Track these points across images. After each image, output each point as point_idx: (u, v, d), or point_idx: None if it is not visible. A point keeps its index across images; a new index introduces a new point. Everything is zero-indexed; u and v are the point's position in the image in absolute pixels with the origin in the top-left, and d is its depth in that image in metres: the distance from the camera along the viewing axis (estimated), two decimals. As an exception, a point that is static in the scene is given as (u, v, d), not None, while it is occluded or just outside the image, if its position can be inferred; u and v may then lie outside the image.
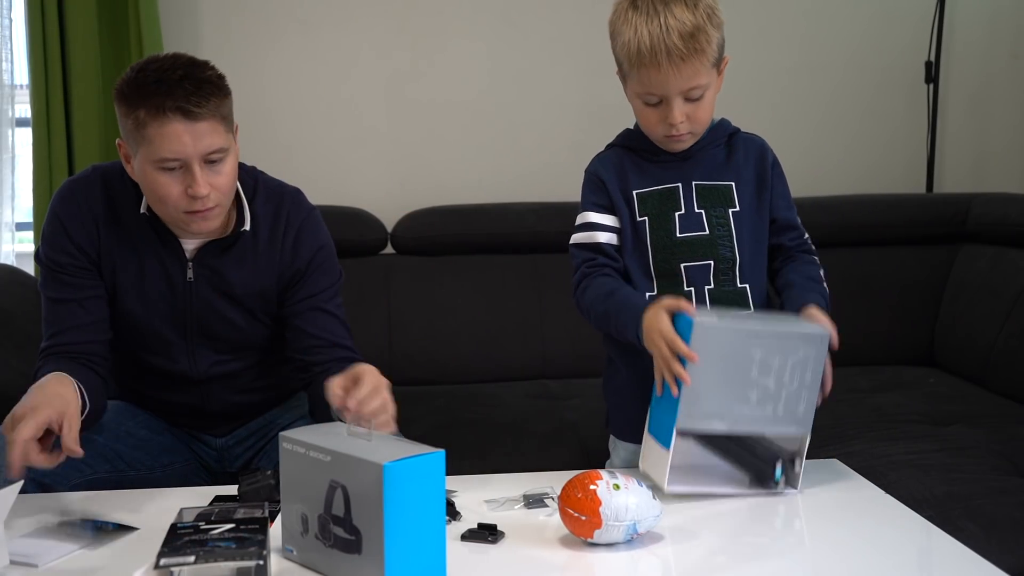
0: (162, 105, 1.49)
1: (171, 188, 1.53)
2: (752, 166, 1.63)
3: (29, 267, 2.76)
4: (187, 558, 1.09)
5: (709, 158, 1.62)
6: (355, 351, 1.73)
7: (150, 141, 1.50)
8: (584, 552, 1.26)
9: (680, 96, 1.51)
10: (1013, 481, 1.83)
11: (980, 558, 1.23)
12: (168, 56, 1.57)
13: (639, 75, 1.52)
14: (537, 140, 3.06)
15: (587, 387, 2.56)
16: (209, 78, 1.54)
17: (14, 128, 2.82)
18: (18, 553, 1.24)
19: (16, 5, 2.84)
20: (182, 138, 1.50)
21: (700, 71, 1.49)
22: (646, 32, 1.48)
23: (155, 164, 1.52)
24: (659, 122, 1.55)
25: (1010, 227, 2.64)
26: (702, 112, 1.54)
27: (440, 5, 3.00)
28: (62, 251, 1.64)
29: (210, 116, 1.51)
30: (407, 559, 1.13)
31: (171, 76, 1.50)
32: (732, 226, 1.59)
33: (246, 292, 1.69)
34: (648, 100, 1.54)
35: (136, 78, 1.53)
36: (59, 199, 1.67)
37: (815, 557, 1.29)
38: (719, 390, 1.42)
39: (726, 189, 1.61)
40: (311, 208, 1.75)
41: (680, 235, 1.58)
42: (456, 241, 2.82)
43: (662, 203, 1.60)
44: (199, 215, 1.56)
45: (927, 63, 3.05)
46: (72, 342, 1.63)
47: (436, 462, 1.16)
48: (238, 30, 2.95)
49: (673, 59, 1.47)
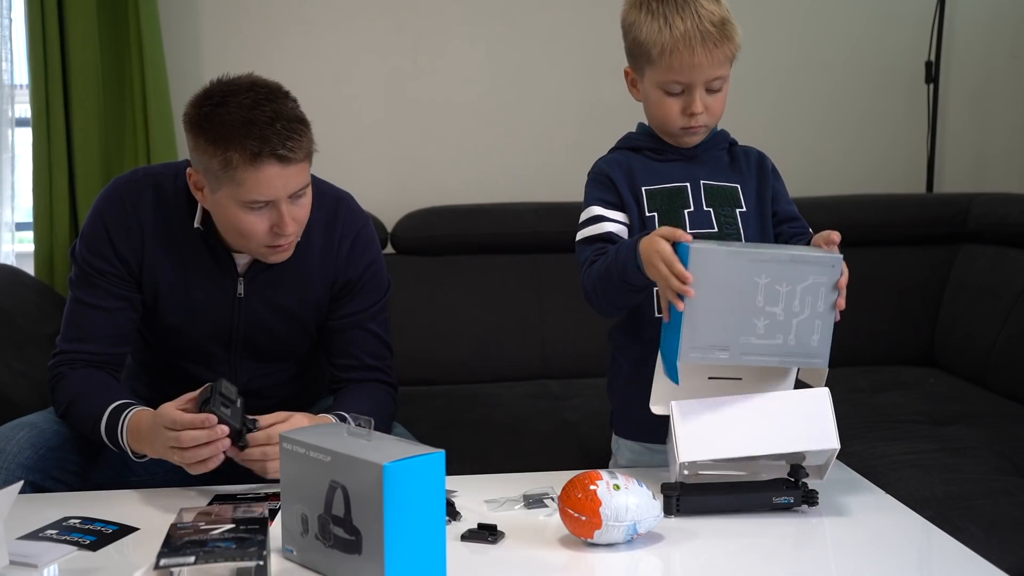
0: (258, 152, 1.44)
1: (257, 226, 1.51)
2: (753, 172, 1.65)
3: (29, 267, 2.76)
4: (187, 558, 1.09)
5: (714, 160, 1.64)
6: (387, 372, 1.74)
7: (240, 183, 1.47)
8: (584, 552, 1.26)
9: (703, 86, 1.54)
10: (1013, 481, 1.83)
11: (980, 558, 1.23)
12: (244, 83, 1.50)
13: (668, 62, 1.52)
14: (537, 140, 3.06)
15: (587, 387, 2.56)
16: (298, 116, 1.50)
17: (14, 128, 2.82)
18: (18, 553, 1.24)
19: (16, 5, 2.83)
20: (274, 183, 1.47)
21: (726, 61, 1.54)
22: (678, 19, 1.51)
23: (243, 204, 1.49)
24: (679, 113, 1.56)
25: (1010, 227, 2.64)
26: (719, 105, 1.57)
27: (440, 5, 3.00)
28: (102, 257, 1.61)
29: (303, 158, 1.50)
30: (407, 559, 1.13)
31: (260, 116, 1.45)
32: (740, 226, 1.60)
33: (298, 304, 1.67)
34: (671, 89, 1.55)
35: (218, 113, 1.47)
36: (106, 201, 1.63)
37: (815, 557, 1.29)
38: (722, 318, 1.37)
39: (732, 190, 1.62)
40: (367, 218, 1.74)
41: (689, 231, 1.56)
42: (456, 241, 2.82)
43: (671, 200, 1.61)
44: (281, 248, 1.56)
45: (927, 63, 3.05)
46: (94, 351, 1.62)
47: (436, 462, 1.16)
48: (238, 30, 2.95)
49: (707, 44, 1.50)
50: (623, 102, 1.69)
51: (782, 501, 1.38)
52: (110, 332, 1.63)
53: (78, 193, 2.75)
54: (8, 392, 2.07)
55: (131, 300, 1.64)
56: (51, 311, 2.36)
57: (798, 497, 1.38)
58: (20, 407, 1.91)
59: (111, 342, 1.63)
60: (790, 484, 1.39)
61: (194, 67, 2.94)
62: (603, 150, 1.72)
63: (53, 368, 1.64)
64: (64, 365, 1.62)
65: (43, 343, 1.69)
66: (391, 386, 1.75)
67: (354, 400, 1.65)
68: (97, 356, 1.62)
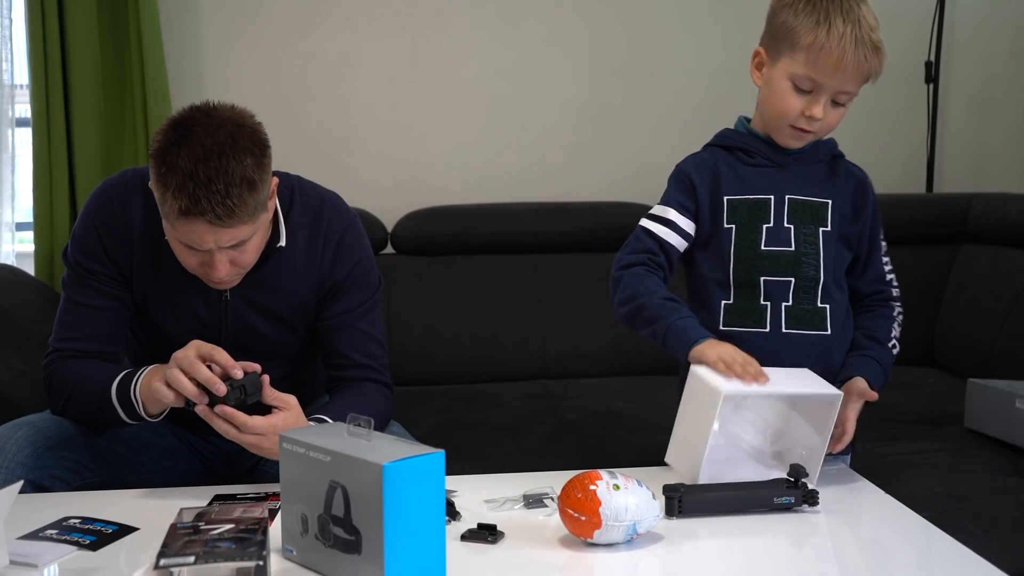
0: (187, 210, 1.42)
1: (188, 259, 1.52)
2: (850, 192, 1.61)
3: (29, 267, 2.76)
4: (187, 558, 1.09)
5: (807, 172, 1.60)
6: (380, 371, 1.73)
7: (173, 226, 1.47)
8: (584, 552, 1.26)
9: (832, 93, 1.51)
10: (1013, 481, 1.83)
11: (980, 558, 1.23)
12: (208, 126, 1.44)
13: (814, 58, 1.49)
14: (537, 140, 3.06)
15: (587, 387, 2.56)
16: (247, 177, 1.43)
17: (14, 128, 2.82)
18: (18, 553, 1.24)
19: (16, 5, 2.83)
20: (204, 237, 1.46)
21: (864, 77, 1.51)
22: (840, 20, 1.48)
23: (175, 239, 1.50)
24: (798, 111, 1.53)
25: (1010, 227, 2.64)
26: (836, 119, 1.55)
27: (440, 5, 3.00)
28: (93, 258, 1.61)
29: (243, 220, 1.46)
30: (407, 559, 1.13)
31: (202, 173, 1.40)
32: (820, 244, 1.57)
33: (284, 307, 1.68)
34: (802, 85, 1.52)
35: (170, 153, 1.43)
36: (96, 203, 1.63)
37: (815, 557, 1.29)
38: None
39: (821, 207, 1.58)
40: (352, 217, 1.72)
41: (764, 247, 1.56)
42: (456, 241, 2.82)
43: (752, 213, 1.57)
44: (217, 284, 1.56)
45: (927, 63, 3.05)
46: (87, 348, 1.63)
47: (436, 462, 1.16)
48: (238, 30, 2.95)
49: (859, 54, 1.48)
50: (623, 102, 1.69)
51: (782, 501, 1.38)
52: (103, 330, 1.64)
53: (78, 193, 2.75)
54: (8, 392, 2.07)
55: (123, 300, 1.64)
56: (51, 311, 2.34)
57: (798, 497, 1.38)
58: (20, 407, 1.91)
59: (104, 340, 1.64)
60: (790, 484, 1.39)
61: (194, 67, 2.94)
62: (603, 150, 1.72)
63: (47, 366, 1.64)
64: (58, 361, 1.63)
65: (43, 343, 1.69)
66: (386, 385, 1.75)
67: (343, 401, 1.65)
68: (92, 352, 1.63)
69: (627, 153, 2.99)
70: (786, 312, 1.56)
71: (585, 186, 3.00)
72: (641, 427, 2.24)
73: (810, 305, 1.57)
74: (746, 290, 1.57)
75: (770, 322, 1.56)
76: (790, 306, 1.56)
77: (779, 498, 1.38)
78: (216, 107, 1.49)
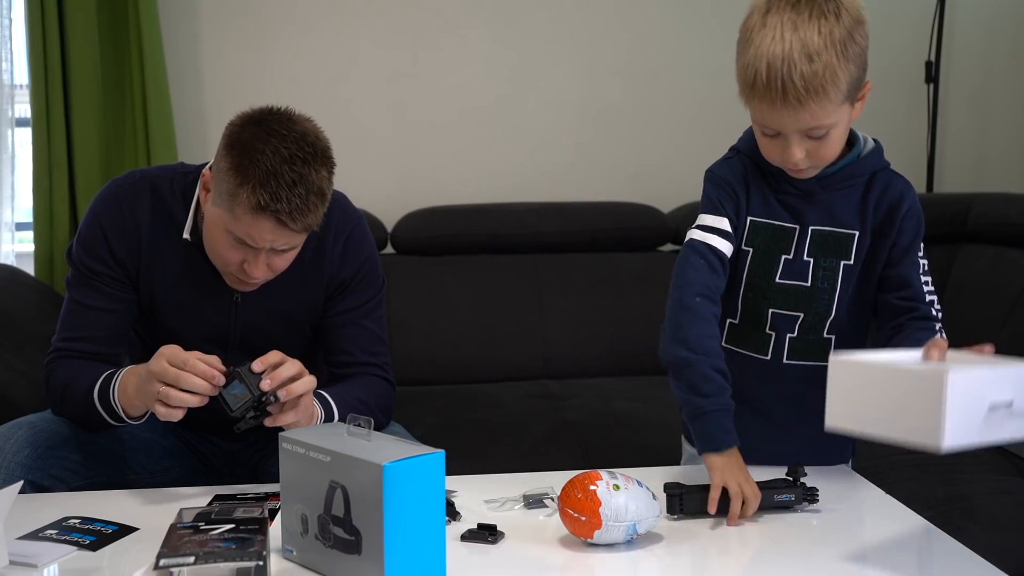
0: (264, 206, 1.42)
1: (231, 255, 1.52)
2: (882, 213, 1.46)
3: (29, 267, 2.76)
4: (187, 558, 1.09)
5: (837, 201, 1.46)
6: (383, 368, 1.74)
7: (236, 217, 1.46)
8: (584, 552, 1.26)
9: (797, 134, 1.34)
10: (1013, 481, 1.83)
11: (980, 558, 1.23)
12: (296, 132, 1.46)
13: (753, 105, 1.34)
14: (537, 140, 3.06)
15: (587, 387, 2.56)
16: (321, 189, 1.46)
17: (14, 128, 2.82)
18: (18, 553, 1.24)
19: (16, 5, 2.84)
20: (264, 235, 1.47)
21: (820, 114, 1.30)
22: (765, 59, 1.28)
23: (228, 232, 1.49)
24: (779, 154, 1.38)
25: (1010, 227, 2.64)
26: (826, 149, 1.37)
27: (440, 6, 3.00)
28: (98, 260, 1.61)
29: (302, 230, 1.48)
30: (407, 559, 1.13)
31: (287, 174, 1.42)
32: (839, 279, 1.47)
33: (294, 306, 1.68)
34: (766, 131, 1.37)
35: (254, 147, 1.43)
36: (103, 203, 1.62)
37: (815, 557, 1.28)
38: None
39: (847, 239, 1.46)
40: (359, 216, 1.73)
41: (779, 280, 1.47)
42: (456, 241, 2.82)
43: (772, 241, 1.47)
44: (246, 285, 1.56)
45: (927, 63, 3.05)
46: (89, 349, 1.63)
47: (436, 462, 1.16)
48: (238, 30, 2.95)
49: (789, 101, 1.28)
50: (623, 102, 1.69)
51: (783, 499, 1.38)
52: (106, 332, 1.63)
53: (78, 193, 2.76)
54: (8, 392, 2.07)
55: (127, 302, 1.64)
56: (51, 311, 2.36)
57: (799, 495, 1.38)
58: (20, 407, 1.91)
59: (107, 341, 1.64)
60: (790, 483, 1.39)
61: (194, 67, 2.94)
62: (603, 150, 1.71)
63: (47, 365, 1.64)
64: (57, 361, 1.63)
65: (43, 343, 1.69)
66: (388, 382, 1.75)
67: (346, 386, 1.65)
68: (92, 353, 1.62)
69: (627, 153, 3.00)
70: (789, 343, 1.51)
71: (585, 186, 3.00)
72: (641, 427, 2.24)
73: (815, 336, 1.50)
74: (752, 316, 1.51)
75: (772, 351, 1.51)
76: (794, 338, 1.50)
77: (779, 496, 1.38)
78: (293, 114, 1.51)
